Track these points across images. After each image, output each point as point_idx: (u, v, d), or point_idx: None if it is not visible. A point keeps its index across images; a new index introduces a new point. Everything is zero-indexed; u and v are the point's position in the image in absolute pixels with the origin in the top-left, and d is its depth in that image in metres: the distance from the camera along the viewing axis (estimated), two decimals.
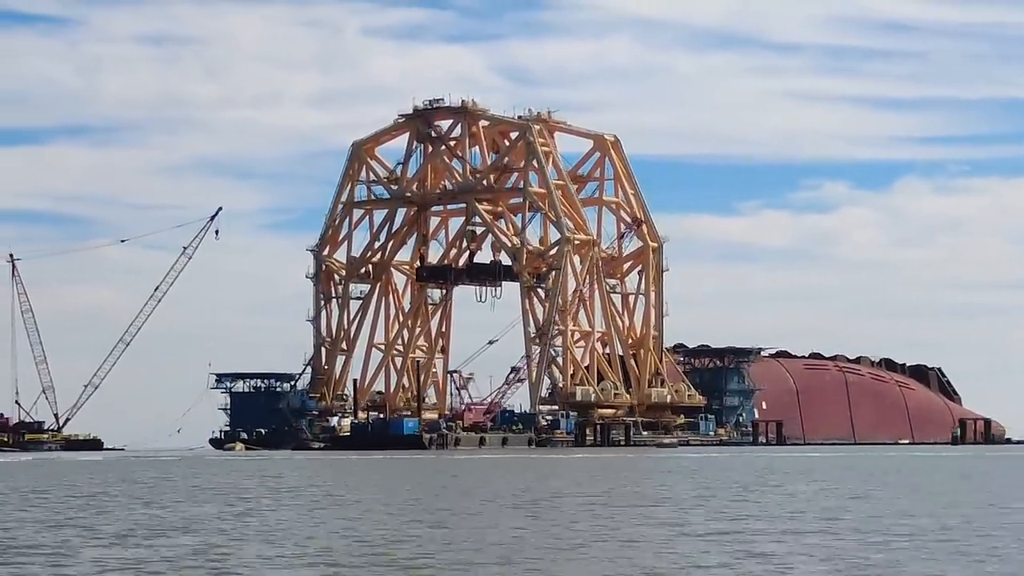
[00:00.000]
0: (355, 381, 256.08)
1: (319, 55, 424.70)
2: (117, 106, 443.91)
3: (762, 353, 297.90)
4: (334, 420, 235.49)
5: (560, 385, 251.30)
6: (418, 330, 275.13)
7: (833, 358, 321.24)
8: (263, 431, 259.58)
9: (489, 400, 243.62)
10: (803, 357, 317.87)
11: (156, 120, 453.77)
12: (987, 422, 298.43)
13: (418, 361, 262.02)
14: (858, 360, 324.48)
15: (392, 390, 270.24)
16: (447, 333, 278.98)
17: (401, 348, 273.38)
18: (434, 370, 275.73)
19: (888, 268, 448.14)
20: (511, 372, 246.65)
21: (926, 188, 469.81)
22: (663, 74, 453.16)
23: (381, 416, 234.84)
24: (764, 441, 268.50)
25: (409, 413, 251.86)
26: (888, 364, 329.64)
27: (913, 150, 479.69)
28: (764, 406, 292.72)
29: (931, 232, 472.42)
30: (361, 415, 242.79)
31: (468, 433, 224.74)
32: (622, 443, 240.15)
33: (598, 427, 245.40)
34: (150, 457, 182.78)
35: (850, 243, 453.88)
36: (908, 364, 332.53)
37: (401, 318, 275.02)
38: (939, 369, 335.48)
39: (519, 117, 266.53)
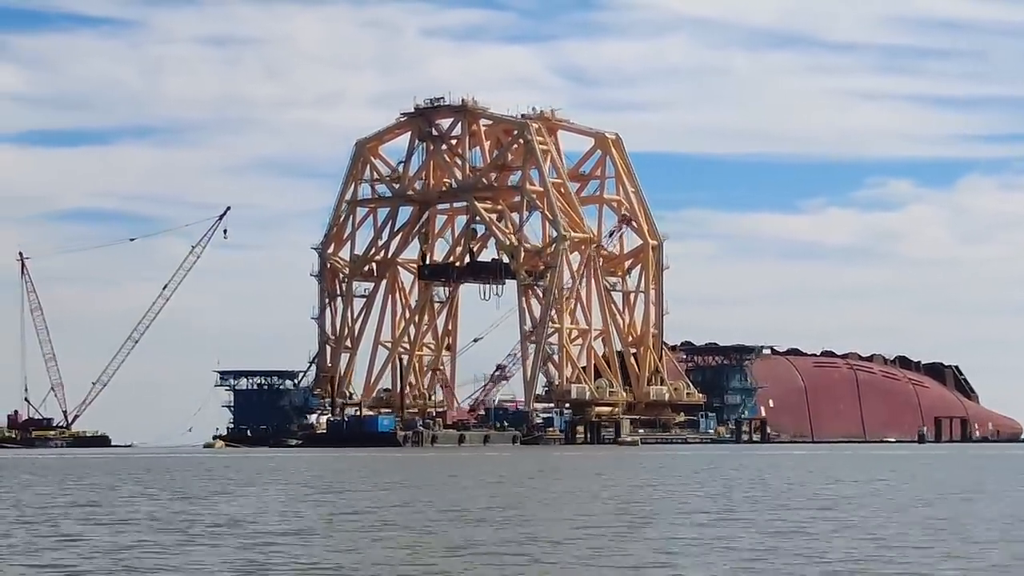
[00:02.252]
0: (332, 378, 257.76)
1: (378, 56, 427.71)
2: (179, 107, 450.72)
3: (765, 351, 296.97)
4: (313, 417, 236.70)
5: (556, 383, 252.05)
6: (424, 328, 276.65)
7: (844, 356, 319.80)
8: (267, 428, 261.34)
9: (474, 398, 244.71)
10: (814, 355, 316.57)
11: (218, 120, 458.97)
12: (963, 420, 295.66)
13: (402, 358, 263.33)
14: (871, 358, 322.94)
15: (399, 387, 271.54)
16: (454, 331, 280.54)
17: (407, 346, 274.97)
18: (442, 367, 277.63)
19: (953, 266, 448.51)
20: (496, 370, 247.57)
21: (990, 185, 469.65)
22: (721, 73, 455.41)
23: (358, 413, 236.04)
24: (748, 439, 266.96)
25: (416, 411, 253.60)
26: (903, 362, 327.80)
27: (976, 148, 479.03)
28: (771, 404, 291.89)
29: (996, 229, 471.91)
30: (363, 410, 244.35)
31: (448, 431, 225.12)
32: (612, 441, 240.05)
33: (587, 425, 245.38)
34: (115, 456, 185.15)
35: (916, 241, 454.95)
36: (924, 362, 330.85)
37: (408, 316, 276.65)
38: (956, 367, 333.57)
39: (522, 116, 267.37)
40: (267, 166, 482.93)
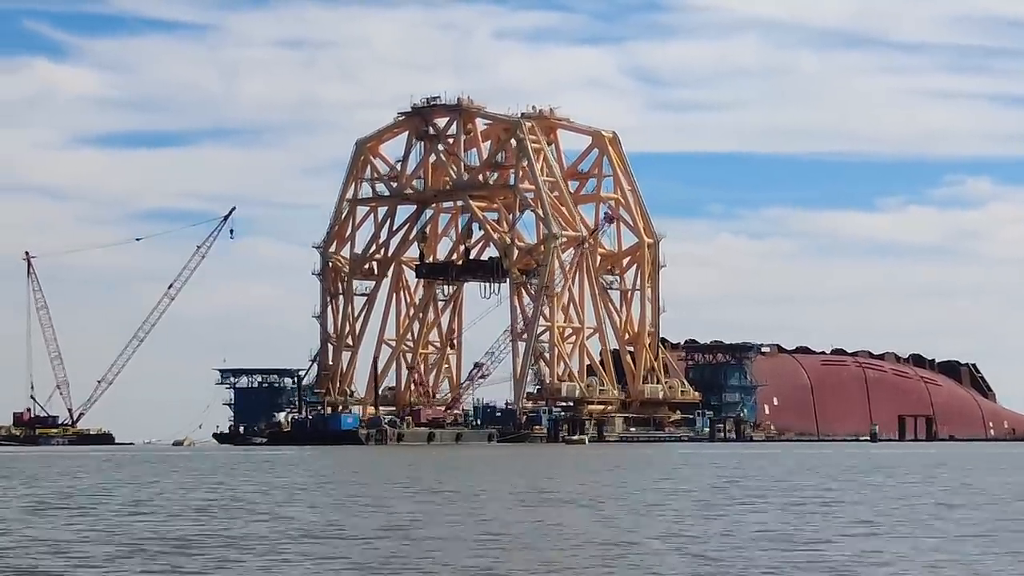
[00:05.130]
0: (299, 376, 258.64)
1: (451, 57, 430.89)
2: (258, 109, 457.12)
3: (766, 349, 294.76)
4: (280, 415, 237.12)
5: (547, 381, 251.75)
6: (428, 325, 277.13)
7: (855, 354, 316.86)
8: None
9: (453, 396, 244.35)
10: (822, 353, 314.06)
11: (296, 122, 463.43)
12: (928, 419, 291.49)
13: (375, 356, 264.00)
14: (882, 356, 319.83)
15: (403, 386, 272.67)
16: (458, 329, 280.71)
17: (411, 344, 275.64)
18: (446, 366, 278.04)
19: None
20: (474, 368, 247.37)
21: None
22: (790, 74, 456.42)
23: (321, 411, 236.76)
24: (723, 438, 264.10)
25: (420, 408, 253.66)
26: (916, 359, 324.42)
27: None
28: (775, 402, 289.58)
29: None
30: (371, 409, 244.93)
31: (417, 429, 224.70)
32: (562, 440, 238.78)
33: (570, 423, 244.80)
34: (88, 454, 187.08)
35: (997, 239, 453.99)
36: (939, 360, 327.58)
37: (411, 314, 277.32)
38: (973, 365, 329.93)
39: (521, 115, 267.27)
40: (342, 167, 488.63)
